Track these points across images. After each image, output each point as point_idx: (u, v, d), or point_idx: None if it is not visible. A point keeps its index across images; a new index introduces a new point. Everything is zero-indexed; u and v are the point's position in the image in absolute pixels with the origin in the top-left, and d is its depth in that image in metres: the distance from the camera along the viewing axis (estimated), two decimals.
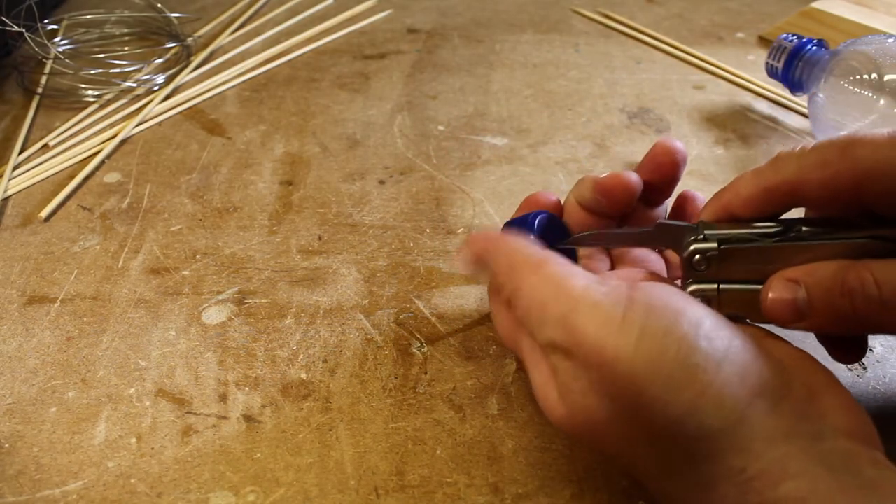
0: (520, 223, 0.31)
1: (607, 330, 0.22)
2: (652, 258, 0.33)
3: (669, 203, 0.33)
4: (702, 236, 0.26)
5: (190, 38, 0.61)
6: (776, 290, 0.25)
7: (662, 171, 0.31)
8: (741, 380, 0.22)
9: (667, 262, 0.33)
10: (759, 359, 0.23)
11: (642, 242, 0.30)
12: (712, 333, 0.22)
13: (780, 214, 0.26)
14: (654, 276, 0.27)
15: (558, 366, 0.24)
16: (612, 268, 0.33)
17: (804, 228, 0.25)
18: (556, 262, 0.26)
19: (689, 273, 0.27)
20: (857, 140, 0.24)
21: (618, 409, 0.23)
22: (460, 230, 0.41)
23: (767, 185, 0.25)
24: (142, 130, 0.50)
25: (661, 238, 0.28)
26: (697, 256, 0.26)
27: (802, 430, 0.22)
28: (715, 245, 0.26)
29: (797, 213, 0.27)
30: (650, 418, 0.22)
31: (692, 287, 0.27)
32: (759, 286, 0.25)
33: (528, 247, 0.27)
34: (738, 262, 0.26)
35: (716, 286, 0.26)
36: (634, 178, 0.29)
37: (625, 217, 0.32)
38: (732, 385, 0.22)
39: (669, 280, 0.28)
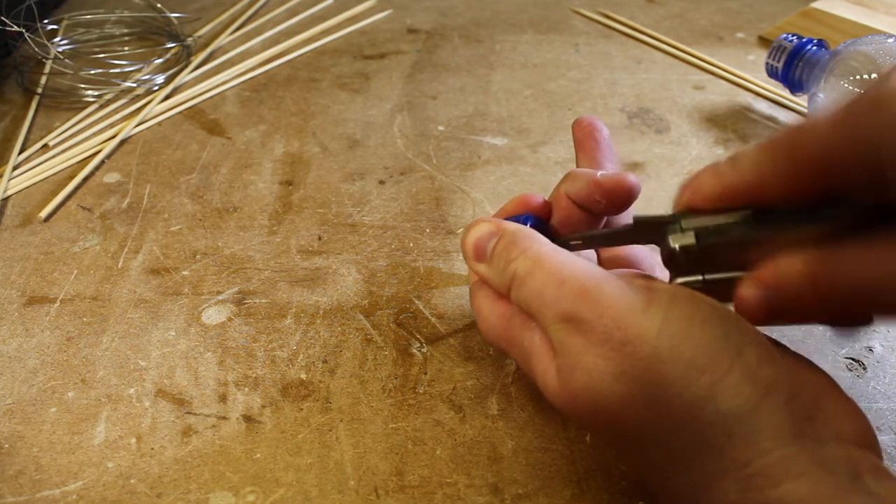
0: None
1: (631, 308, 0.23)
2: (638, 252, 0.32)
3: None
4: (679, 232, 0.26)
5: (190, 38, 0.61)
6: (746, 296, 0.24)
7: (595, 151, 0.33)
8: (758, 370, 0.22)
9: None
10: (773, 355, 0.23)
11: (624, 241, 0.30)
12: (732, 324, 0.23)
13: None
14: (649, 278, 0.27)
15: (565, 342, 0.24)
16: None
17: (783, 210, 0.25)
18: (565, 252, 0.26)
19: (672, 268, 0.27)
20: (800, 137, 0.23)
21: (633, 390, 0.22)
22: (460, 230, 0.41)
23: (727, 185, 0.25)
24: (142, 130, 0.50)
25: (642, 234, 0.28)
26: (678, 253, 0.26)
27: (809, 432, 0.22)
28: (692, 241, 0.26)
29: None
30: (667, 400, 0.22)
31: (678, 280, 0.26)
32: (742, 273, 0.25)
33: (535, 233, 0.27)
34: (718, 252, 0.26)
35: (701, 277, 0.26)
36: (634, 180, 0.29)
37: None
38: (751, 373, 0.22)
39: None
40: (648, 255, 0.32)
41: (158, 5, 0.64)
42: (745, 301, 0.24)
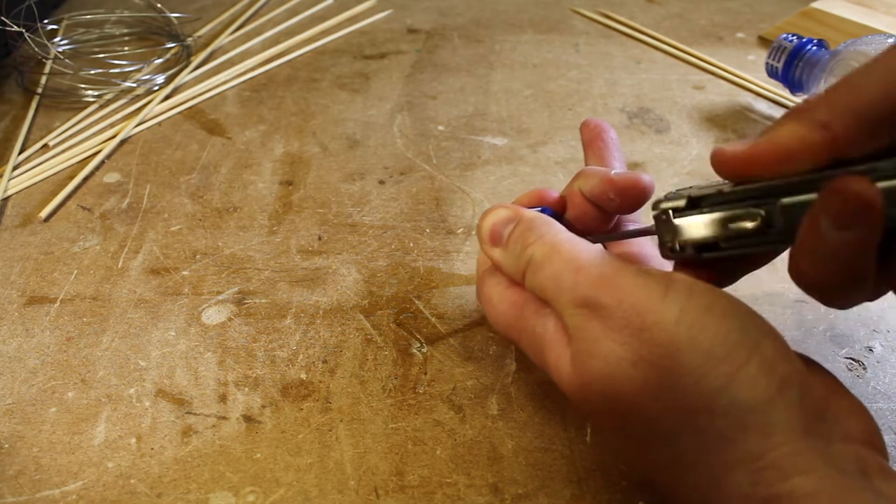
0: None
1: (651, 296, 0.23)
2: (647, 250, 0.32)
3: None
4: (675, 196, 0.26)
5: (190, 38, 0.61)
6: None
7: (603, 153, 0.33)
8: (774, 363, 0.22)
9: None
10: (787, 350, 0.23)
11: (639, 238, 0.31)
12: (750, 317, 0.23)
13: None
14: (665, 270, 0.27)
15: (581, 327, 0.24)
16: None
17: None
18: (582, 240, 0.26)
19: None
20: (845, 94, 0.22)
21: (650, 377, 0.22)
22: (460, 230, 0.41)
23: (760, 157, 0.24)
24: (142, 130, 0.50)
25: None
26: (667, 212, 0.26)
27: (819, 430, 0.22)
28: (683, 202, 0.26)
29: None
30: (683, 389, 0.22)
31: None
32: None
33: (552, 220, 0.27)
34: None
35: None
36: (648, 179, 0.29)
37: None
38: (767, 366, 0.22)
39: None
40: (657, 254, 0.32)
41: (158, 5, 0.64)
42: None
